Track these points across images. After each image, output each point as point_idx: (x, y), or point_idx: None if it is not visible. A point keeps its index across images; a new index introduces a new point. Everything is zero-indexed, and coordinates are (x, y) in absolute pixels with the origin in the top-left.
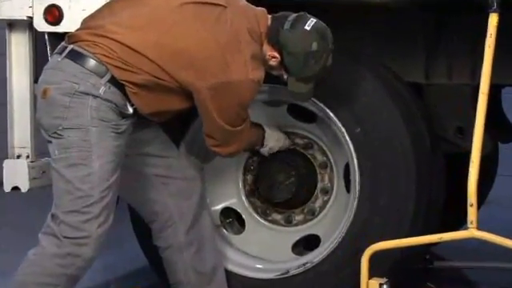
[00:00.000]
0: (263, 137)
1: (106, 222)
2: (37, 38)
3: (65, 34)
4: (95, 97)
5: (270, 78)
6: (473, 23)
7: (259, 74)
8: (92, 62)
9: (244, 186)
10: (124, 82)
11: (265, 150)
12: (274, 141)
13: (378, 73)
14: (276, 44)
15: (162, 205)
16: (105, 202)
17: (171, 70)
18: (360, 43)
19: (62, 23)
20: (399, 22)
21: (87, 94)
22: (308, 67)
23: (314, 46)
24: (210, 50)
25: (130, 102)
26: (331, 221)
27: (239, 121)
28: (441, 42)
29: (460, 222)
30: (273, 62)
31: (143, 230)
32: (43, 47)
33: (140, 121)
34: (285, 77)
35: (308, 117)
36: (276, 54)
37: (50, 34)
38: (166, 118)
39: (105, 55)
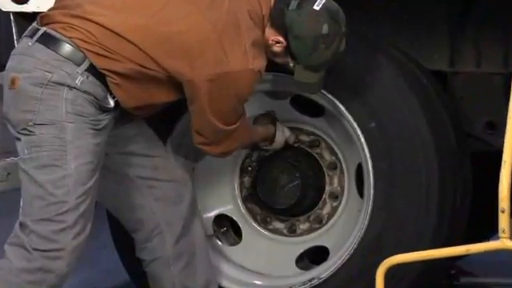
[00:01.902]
0: (273, 135)
1: (82, 232)
2: (1, 19)
3: (34, 14)
4: (71, 88)
5: (272, 66)
6: (504, 3)
7: (261, 63)
8: (67, 48)
9: (241, 190)
10: (104, 71)
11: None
12: (281, 136)
13: (396, 60)
14: (280, 27)
15: (146, 211)
16: (81, 209)
17: (159, 58)
18: (376, 27)
19: (30, 1)
20: (420, 2)
21: (62, 84)
22: (317, 53)
23: (325, 28)
24: (205, 36)
25: (111, 93)
26: (341, 230)
27: (234, 117)
28: (468, 25)
29: (490, 232)
30: (277, 48)
31: (124, 241)
32: (9, 29)
33: (122, 115)
34: (291, 65)
35: (314, 110)
36: (280, 39)
37: (16, 13)
38: (151, 112)
39: (82, 40)
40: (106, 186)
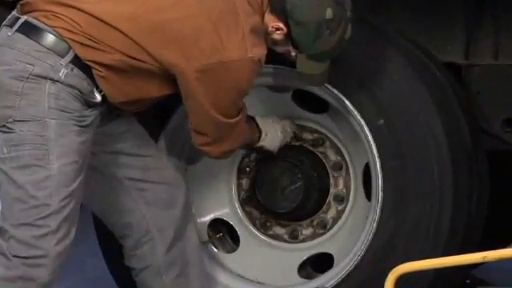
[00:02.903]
0: (259, 130)
1: (66, 237)
2: None
3: (14, 1)
4: (54, 81)
5: (270, 57)
6: None
7: (260, 52)
8: (50, 38)
9: (238, 193)
10: (90, 63)
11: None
12: (271, 129)
13: (407, 51)
14: (280, 12)
15: (136, 216)
16: (65, 212)
17: (151, 48)
18: (385, 14)
19: None
20: None
21: (44, 77)
22: (321, 40)
23: (329, 12)
24: (200, 23)
25: (97, 87)
26: (347, 236)
27: (234, 110)
28: (485, 13)
29: (508, 238)
30: (277, 36)
31: (112, 247)
32: None
33: (110, 111)
34: (292, 54)
35: (318, 105)
36: (281, 25)
37: None
38: (141, 108)
39: (67, 29)
40: (92, 187)
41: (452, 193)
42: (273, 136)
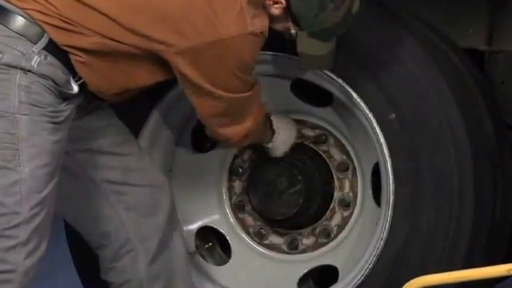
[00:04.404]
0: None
1: (36, 249)
2: None
3: None
4: (26, 71)
5: (267, 44)
6: None
7: (262, 23)
8: (20, 21)
9: (230, 197)
10: (67, 48)
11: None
12: (285, 131)
13: (422, 36)
14: None
15: (115, 223)
16: (36, 222)
17: (135, 28)
18: None
19: None
20: None
21: (14, 67)
22: (325, 15)
23: None
24: None
25: (74, 76)
26: (354, 246)
27: (243, 87)
28: None
29: None
30: (275, 10)
31: (86, 258)
32: None
33: (87, 103)
34: (292, 31)
35: (320, 98)
36: None
37: None
38: (125, 98)
39: (40, 11)
40: (65, 191)
41: (473, 196)
42: (283, 139)
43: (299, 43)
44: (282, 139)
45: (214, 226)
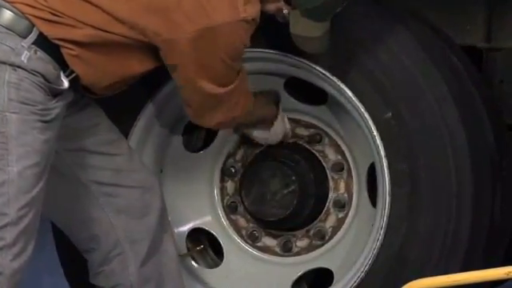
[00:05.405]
0: (274, 117)
1: (23, 252)
2: None
3: None
4: (15, 68)
5: (260, 41)
6: None
7: (253, 10)
8: (9, 16)
9: (222, 198)
10: (59, 42)
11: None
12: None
13: (418, 32)
14: None
15: (104, 226)
16: (23, 223)
17: (126, 18)
18: None
19: None
20: None
21: (3, 63)
22: None
23: None
24: None
25: (64, 70)
26: (349, 248)
27: (230, 76)
28: None
29: None
30: None
31: (74, 262)
32: None
33: (77, 99)
34: (285, 11)
35: (315, 96)
36: None
37: None
38: (116, 90)
39: (28, 5)
40: (52, 192)
41: (472, 197)
42: (279, 126)
43: (292, 25)
44: (277, 127)
45: (206, 228)
